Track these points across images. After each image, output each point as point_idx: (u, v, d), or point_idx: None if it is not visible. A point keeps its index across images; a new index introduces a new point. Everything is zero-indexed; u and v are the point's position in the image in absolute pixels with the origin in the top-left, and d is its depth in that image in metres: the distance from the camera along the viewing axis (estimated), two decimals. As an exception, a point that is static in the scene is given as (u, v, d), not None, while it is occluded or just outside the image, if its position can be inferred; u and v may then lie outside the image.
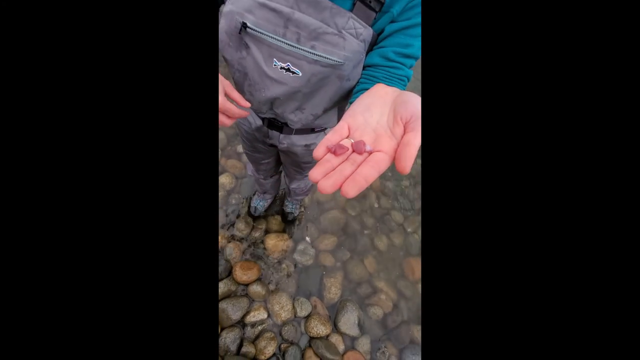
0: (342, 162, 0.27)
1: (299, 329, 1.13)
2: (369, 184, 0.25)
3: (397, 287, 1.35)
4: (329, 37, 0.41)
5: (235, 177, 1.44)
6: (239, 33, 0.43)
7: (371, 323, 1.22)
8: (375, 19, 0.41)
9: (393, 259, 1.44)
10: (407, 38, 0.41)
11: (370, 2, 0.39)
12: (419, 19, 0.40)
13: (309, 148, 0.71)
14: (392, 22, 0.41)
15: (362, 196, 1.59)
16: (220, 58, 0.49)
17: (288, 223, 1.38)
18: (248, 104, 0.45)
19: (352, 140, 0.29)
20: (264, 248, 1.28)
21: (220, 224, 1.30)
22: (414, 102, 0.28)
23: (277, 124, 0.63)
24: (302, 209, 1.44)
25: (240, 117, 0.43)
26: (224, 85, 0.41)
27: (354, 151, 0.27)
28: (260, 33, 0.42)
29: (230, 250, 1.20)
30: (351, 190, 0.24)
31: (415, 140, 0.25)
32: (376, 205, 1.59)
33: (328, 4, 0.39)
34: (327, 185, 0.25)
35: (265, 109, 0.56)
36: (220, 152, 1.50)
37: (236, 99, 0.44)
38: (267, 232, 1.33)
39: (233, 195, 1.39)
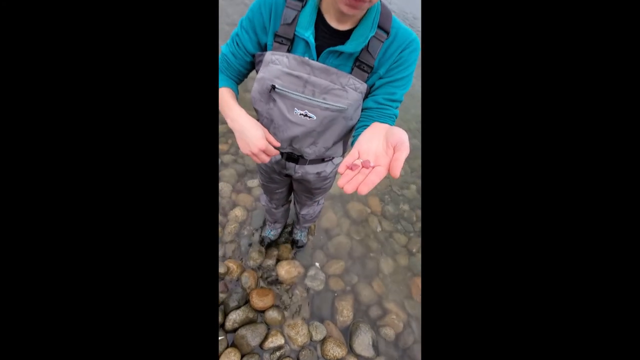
0: (356, 174, 0.40)
1: (315, 353, 1.15)
2: (374, 185, 0.37)
3: (406, 307, 1.39)
4: (336, 91, 0.57)
5: (246, 210, 1.55)
6: (269, 92, 0.59)
7: (385, 344, 1.25)
8: (368, 77, 0.58)
9: (400, 280, 1.50)
10: (392, 88, 0.57)
11: (363, 67, 0.56)
12: (399, 75, 0.57)
13: (320, 175, 0.85)
14: (380, 78, 0.58)
15: (365, 221, 1.69)
16: (241, 100, 0.65)
17: (298, 250, 1.46)
18: (279, 144, 0.60)
19: (361, 160, 0.42)
20: (277, 276, 1.34)
21: (235, 254, 1.38)
22: (399, 133, 0.41)
23: (293, 157, 0.78)
24: (310, 236, 1.53)
25: (274, 155, 0.58)
26: (264, 131, 0.57)
27: (363, 167, 0.41)
28: (286, 91, 0.58)
29: (246, 279, 1.27)
30: (365, 190, 0.36)
31: (401, 156, 0.38)
32: (379, 229, 1.69)
33: (335, 70, 0.55)
34: (349, 188, 0.37)
35: (286, 145, 0.71)
36: (231, 188, 1.63)
37: (272, 142, 0.59)
38: (278, 260, 1.40)
39: (245, 227, 1.49)
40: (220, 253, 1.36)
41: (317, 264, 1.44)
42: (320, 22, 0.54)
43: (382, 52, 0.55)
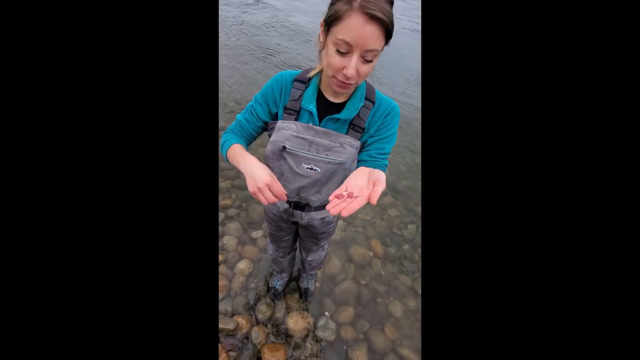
0: (342, 202, 0.49)
1: (333, 413, 1.08)
2: (354, 210, 0.47)
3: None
4: (336, 148, 0.70)
5: (252, 262, 1.57)
6: (281, 152, 0.72)
7: (405, 396, 1.18)
8: (360, 136, 0.71)
9: (411, 323, 1.47)
10: (381, 144, 0.71)
11: (356, 129, 0.69)
12: (386, 134, 0.71)
13: (324, 220, 0.94)
14: (371, 136, 0.72)
15: (369, 264, 1.71)
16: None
17: (306, 299, 1.45)
18: (285, 191, 0.70)
19: (347, 192, 0.52)
20: (287, 328, 1.32)
21: (244, 308, 1.36)
22: (378, 173, 0.52)
23: (300, 205, 0.87)
24: (317, 284, 1.54)
25: (279, 195, 0.67)
26: (273, 179, 0.67)
27: (348, 197, 0.50)
28: (294, 150, 0.70)
29: (256, 335, 1.24)
30: (346, 214, 0.46)
31: (379, 189, 0.47)
32: (383, 272, 1.70)
33: (334, 132, 0.69)
34: (334, 211, 0.47)
35: (293, 194, 0.81)
36: (236, 241, 1.67)
37: (278, 187, 0.69)
38: (287, 311, 1.39)
39: (252, 280, 1.50)
40: (229, 308, 1.35)
41: (326, 313, 1.42)
42: (320, 97, 0.70)
43: (371, 116, 0.70)
